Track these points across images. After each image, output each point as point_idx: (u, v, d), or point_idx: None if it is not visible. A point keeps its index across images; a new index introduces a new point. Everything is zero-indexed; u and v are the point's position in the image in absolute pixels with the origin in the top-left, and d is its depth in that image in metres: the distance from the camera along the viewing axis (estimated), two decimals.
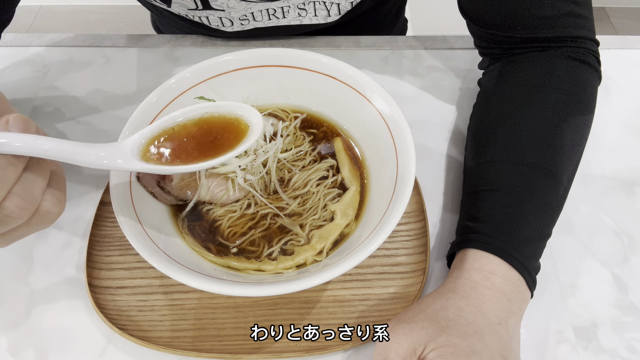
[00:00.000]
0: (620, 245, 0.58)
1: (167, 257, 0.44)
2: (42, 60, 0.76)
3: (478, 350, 0.41)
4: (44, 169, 0.36)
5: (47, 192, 0.37)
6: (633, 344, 0.51)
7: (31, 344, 0.50)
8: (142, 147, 0.43)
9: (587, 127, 0.57)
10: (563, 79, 0.57)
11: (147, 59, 0.76)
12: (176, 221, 0.53)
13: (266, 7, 0.70)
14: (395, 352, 0.42)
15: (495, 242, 0.48)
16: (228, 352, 0.49)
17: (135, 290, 0.53)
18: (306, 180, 0.55)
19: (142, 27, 2.20)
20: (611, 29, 2.23)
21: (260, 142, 0.55)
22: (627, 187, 0.63)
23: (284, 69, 0.58)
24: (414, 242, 0.56)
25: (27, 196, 0.35)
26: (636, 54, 0.77)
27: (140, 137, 0.43)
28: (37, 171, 0.35)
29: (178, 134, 0.44)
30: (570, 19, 0.57)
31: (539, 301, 0.52)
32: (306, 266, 0.50)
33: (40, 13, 2.34)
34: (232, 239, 0.52)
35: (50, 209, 0.37)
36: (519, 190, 0.51)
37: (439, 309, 0.45)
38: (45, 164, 0.36)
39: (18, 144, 0.34)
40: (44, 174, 0.36)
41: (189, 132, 0.44)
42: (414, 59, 0.76)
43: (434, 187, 0.62)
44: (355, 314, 0.51)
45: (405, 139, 0.50)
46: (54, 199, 0.37)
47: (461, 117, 0.69)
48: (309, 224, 0.52)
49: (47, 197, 0.37)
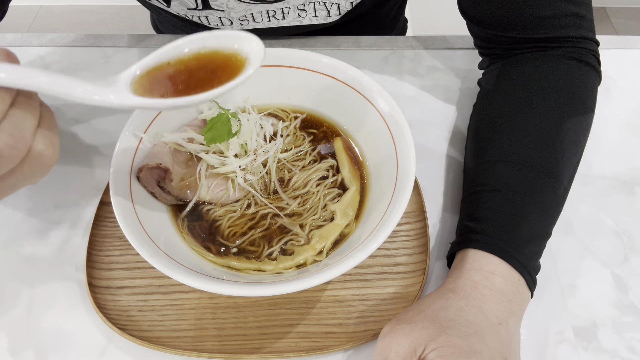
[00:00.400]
0: (620, 245, 0.58)
1: (167, 257, 0.44)
2: (42, 60, 0.76)
3: (478, 351, 0.41)
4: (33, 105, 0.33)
5: (38, 132, 0.34)
6: (633, 344, 0.51)
7: (31, 344, 0.50)
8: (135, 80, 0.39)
9: (587, 127, 0.57)
10: (563, 79, 0.57)
11: None
12: (176, 221, 0.53)
13: (266, 8, 0.70)
14: (396, 352, 0.42)
15: (496, 242, 0.48)
16: (228, 352, 0.49)
17: (135, 290, 0.53)
18: (306, 180, 0.55)
19: (142, 27, 2.20)
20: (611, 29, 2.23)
21: (260, 142, 0.55)
22: (627, 187, 0.63)
23: (284, 69, 0.58)
24: (414, 242, 0.56)
25: (17, 133, 0.32)
26: (636, 54, 0.77)
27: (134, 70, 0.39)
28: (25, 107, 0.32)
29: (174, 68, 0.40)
30: (570, 19, 0.57)
31: (539, 301, 0.52)
32: (306, 266, 0.50)
33: (40, 13, 2.33)
34: (232, 239, 0.52)
35: (43, 151, 0.34)
36: (519, 190, 0.51)
37: (439, 309, 0.45)
38: (35, 100, 0.33)
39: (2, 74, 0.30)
40: (34, 111, 0.33)
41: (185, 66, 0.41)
42: (414, 59, 0.76)
43: (434, 187, 0.62)
44: (355, 314, 0.51)
45: (405, 139, 0.50)
46: (46, 140, 0.34)
47: (461, 117, 0.69)
48: (309, 224, 0.52)
49: (39, 138, 0.34)
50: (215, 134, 0.52)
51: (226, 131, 0.52)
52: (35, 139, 0.33)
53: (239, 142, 0.54)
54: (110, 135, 0.67)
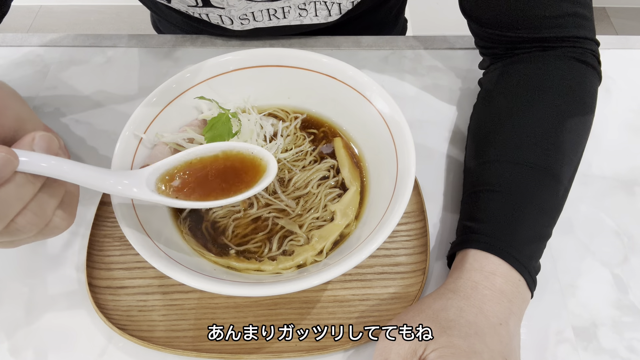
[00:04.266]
0: (620, 245, 0.58)
1: (167, 257, 0.44)
2: (42, 60, 0.76)
3: (479, 351, 0.41)
4: (59, 189, 0.37)
5: (59, 209, 0.38)
6: (633, 344, 0.51)
7: (31, 344, 0.50)
8: (158, 178, 0.43)
9: (588, 127, 0.57)
10: (563, 79, 0.57)
11: (147, 59, 0.76)
12: (177, 221, 0.53)
13: (267, 7, 0.70)
14: (396, 352, 0.42)
15: (496, 242, 0.48)
16: (228, 352, 0.49)
17: (135, 290, 0.52)
18: (307, 181, 0.55)
19: (142, 27, 2.20)
20: (611, 29, 2.23)
21: (261, 142, 0.55)
22: (627, 187, 0.63)
23: (284, 69, 0.58)
24: (414, 242, 0.56)
25: (40, 213, 0.36)
26: (636, 54, 0.77)
27: (157, 168, 0.43)
28: (52, 191, 0.37)
29: (194, 168, 0.45)
30: (571, 19, 0.57)
31: (539, 301, 0.52)
32: (306, 266, 0.50)
33: (40, 13, 2.33)
34: (232, 239, 0.52)
35: (58, 225, 0.38)
36: (520, 190, 0.51)
37: (440, 309, 0.45)
38: (62, 184, 0.38)
39: (42, 164, 0.34)
40: (59, 193, 0.38)
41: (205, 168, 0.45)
42: (414, 58, 0.76)
43: (434, 187, 0.62)
44: (355, 314, 0.51)
45: (405, 139, 0.50)
46: (64, 215, 0.38)
47: (461, 117, 0.69)
48: (309, 224, 0.52)
49: (58, 214, 0.38)
50: (215, 134, 0.52)
51: (226, 131, 0.52)
52: (54, 214, 0.38)
53: None
54: (110, 135, 0.67)
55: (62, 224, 0.38)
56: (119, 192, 0.41)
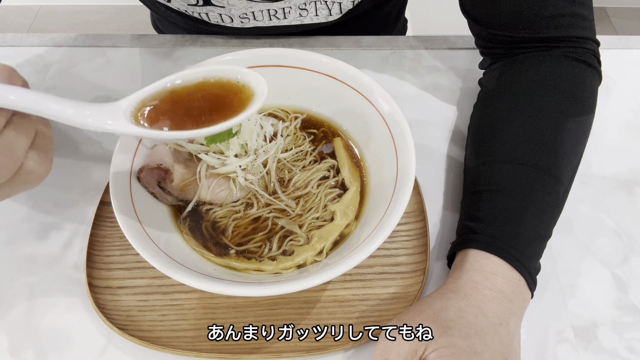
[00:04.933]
0: (620, 245, 0.58)
1: (167, 257, 0.44)
2: (42, 60, 0.76)
3: (479, 351, 0.41)
4: (27, 126, 0.34)
5: (31, 151, 0.35)
6: (633, 344, 0.51)
7: (31, 344, 0.50)
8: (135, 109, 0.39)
9: (588, 127, 0.57)
10: (564, 79, 0.57)
11: (147, 59, 0.76)
12: (177, 221, 0.53)
13: (267, 7, 0.70)
14: (397, 352, 0.42)
15: (496, 242, 0.48)
16: (228, 352, 0.49)
17: (135, 290, 0.52)
18: (307, 181, 0.55)
19: (142, 27, 2.20)
20: (611, 29, 2.23)
21: (261, 142, 0.55)
22: (627, 187, 0.63)
23: (284, 69, 0.58)
24: (414, 242, 0.56)
25: (8, 153, 0.33)
26: (636, 54, 0.77)
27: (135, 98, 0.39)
28: (19, 128, 0.34)
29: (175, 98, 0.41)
30: (571, 19, 0.57)
31: (539, 301, 0.52)
32: (306, 266, 0.50)
33: (40, 13, 2.33)
34: (232, 239, 0.52)
35: (33, 169, 0.35)
36: (520, 190, 0.51)
37: (440, 309, 0.45)
38: (30, 121, 0.35)
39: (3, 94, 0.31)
40: (28, 132, 0.34)
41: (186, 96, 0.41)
42: (414, 58, 0.76)
43: (434, 187, 0.62)
44: (355, 314, 0.51)
45: (405, 139, 0.50)
46: (38, 159, 0.35)
47: (461, 117, 0.69)
48: (309, 224, 0.52)
49: (31, 156, 0.35)
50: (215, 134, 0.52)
51: (226, 131, 0.52)
52: (27, 157, 0.35)
53: (239, 142, 0.53)
54: (110, 135, 0.66)
55: (38, 168, 0.35)
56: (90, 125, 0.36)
